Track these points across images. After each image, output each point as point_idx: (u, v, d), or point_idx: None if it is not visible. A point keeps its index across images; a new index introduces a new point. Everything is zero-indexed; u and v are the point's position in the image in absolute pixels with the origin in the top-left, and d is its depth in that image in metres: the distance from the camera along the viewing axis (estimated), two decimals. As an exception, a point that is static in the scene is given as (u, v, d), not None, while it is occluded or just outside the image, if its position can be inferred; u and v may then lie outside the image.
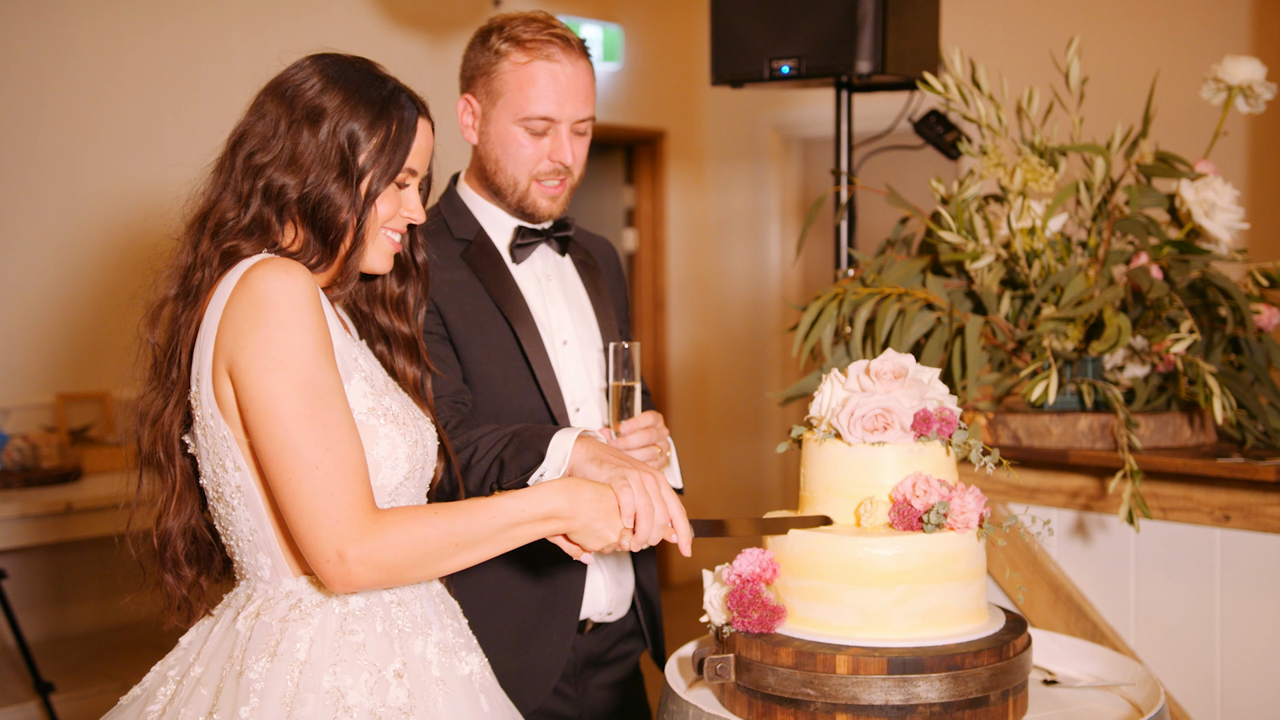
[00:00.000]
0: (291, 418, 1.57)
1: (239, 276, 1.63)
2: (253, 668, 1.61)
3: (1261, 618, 2.36)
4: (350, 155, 1.69)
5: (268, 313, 1.59)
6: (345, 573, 1.56)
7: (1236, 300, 2.40)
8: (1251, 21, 4.61)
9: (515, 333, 2.19)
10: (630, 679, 2.36)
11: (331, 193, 1.69)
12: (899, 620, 1.65)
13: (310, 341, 1.60)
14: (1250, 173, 4.56)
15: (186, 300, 1.71)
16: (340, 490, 1.57)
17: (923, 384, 1.78)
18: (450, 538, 1.61)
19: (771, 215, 6.53)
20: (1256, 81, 2.57)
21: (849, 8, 2.95)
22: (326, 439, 1.58)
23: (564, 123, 2.17)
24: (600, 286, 2.36)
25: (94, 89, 4.65)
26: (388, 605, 1.70)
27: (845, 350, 2.59)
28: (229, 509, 1.68)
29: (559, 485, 1.70)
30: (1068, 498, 2.53)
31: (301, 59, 1.77)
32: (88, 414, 4.66)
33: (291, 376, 1.58)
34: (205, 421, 1.66)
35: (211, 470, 1.68)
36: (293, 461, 1.57)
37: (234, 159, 1.73)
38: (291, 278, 1.61)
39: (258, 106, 1.74)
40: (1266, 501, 2.31)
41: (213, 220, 1.72)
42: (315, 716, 1.58)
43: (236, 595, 1.74)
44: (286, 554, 1.68)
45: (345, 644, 1.64)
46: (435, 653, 1.71)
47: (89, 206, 4.66)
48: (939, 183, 2.68)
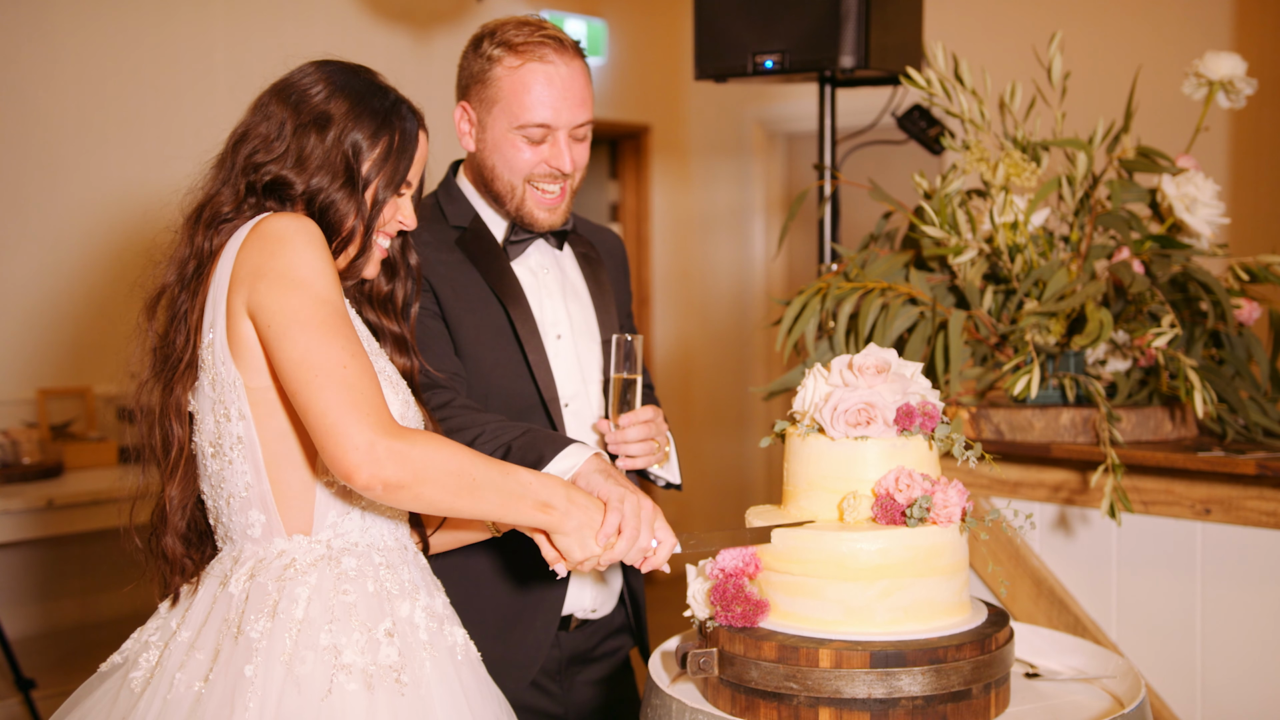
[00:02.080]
0: (316, 325, 1.61)
1: (249, 228, 1.68)
2: (254, 627, 1.63)
3: (1241, 611, 2.37)
4: (354, 163, 1.75)
5: (284, 244, 1.64)
6: (374, 460, 1.56)
7: (1217, 295, 2.42)
8: (1233, 17, 4.63)
9: (509, 315, 2.16)
10: (618, 675, 2.36)
11: (337, 199, 1.74)
12: (882, 614, 1.65)
13: (327, 269, 1.65)
14: (1231, 168, 4.58)
15: (184, 285, 1.74)
16: (370, 392, 1.60)
17: (905, 378, 1.78)
18: (470, 470, 1.63)
19: (755, 210, 6.53)
20: (1237, 77, 2.58)
21: (832, 3, 2.95)
22: (351, 348, 1.62)
23: (561, 129, 2.13)
24: (602, 279, 2.32)
25: (78, 88, 4.62)
26: (377, 567, 1.73)
27: (829, 345, 2.59)
28: (225, 464, 1.70)
29: (561, 482, 1.73)
30: (1050, 492, 2.54)
31: (305, 64, 1.81)
32: (69, 409, 4.63)
33: (313, 295, 1.62)
34: (215, 370, 1.68)
35: (214, 423, 1.70)
36: (321, 362, 1.59)
37: (234, 157, 1.77)
38: (302, 220, 1.68)
39: (261, 107, 1.78)
40: (1247, 495, 2.32)
41: (209, 212, 1.75)
42: (314, 674, 1.61)
43: (221, 560, 1.75)
44: (279, 511, 1.70)
45: (339, 603, 1.66)
46: (423, 617, 1.73)
47: (70, 204, 4.63)
48: (922, 177, 2.69)
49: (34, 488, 4.13)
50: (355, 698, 1.61)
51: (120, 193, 4.73)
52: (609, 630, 2.32)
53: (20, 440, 4.29)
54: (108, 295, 4.70)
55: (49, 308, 4.60)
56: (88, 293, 4.67)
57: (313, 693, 1.60)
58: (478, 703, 1.74)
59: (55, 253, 4.60)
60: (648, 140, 6.60)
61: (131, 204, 4.74)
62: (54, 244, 4.59)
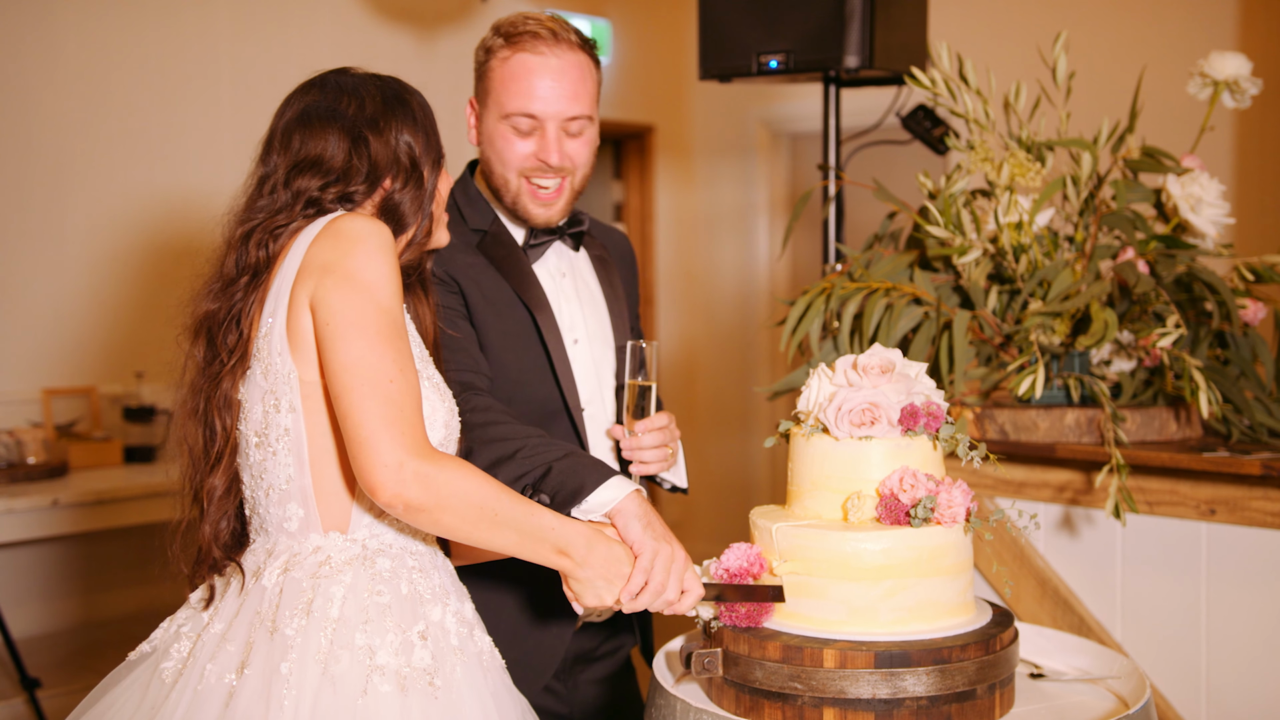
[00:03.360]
0: (373, 333, 1.62)
1: (320, 226, 1.69)
2: (289, 624, 1.63)
3: (1246, 611, 2.37)
4: (413, 155, 1.79)
5: (357, 244, 1.66)
6: (400, 480, 1.58)
7: (1222, 295, 2.41)
8: (1238, 16, 4.62)
9: (535, 320, 2.14)
10: (620, 673, 2.36)
11: (407, 196, 1.79)
12: (886, 614, 1.65)
13: (394, 278, 1.67)
14: (1236, 168, 4.58)
15: (230, 309, 1.74)
16: (410, 410, 1.62)
17: (910, 378, 1.78)
18: (493, 505, 1.64)
19: (759, 210, 6.53)
20: (1242, 77, 2.58)
21: (837, 3, 2.95)
22: (401, 362, 1.64)
23: (550, 121, 2.10)
24: (615, 283, 2.31)
25: (82, 87, 4.63)
26: (410, 570, 1.74)
27: (833, 345, 2.59)
28: (269, 454, 1.70)
29: (584, 529, 1.72)
30: (1054, 492, 2.54)
31: (303, 89, 1.82)
32: (74, 409, 4.64)
33: (375, 302, 1.64)
34: (270, 360, 1.69)
35: (262, 413, 1.70)
36: (369, 371, 1.61)
37: (291, 186, 1.75)
38: (378, 224, 1.69)
39: (297, 136, 1.77)
40: (1252, 495, 2.32)
41: (260, 234, 1.75)
42: (349, 673, 1.61)
43: (254, 552, 1.75)
44: (318, 506, 1.70)
45: (373, 604, 1.67)
46: (454, 623, 1.74)
47: (75, 204, 4.64)
48: (926, 177, 2.69)
49: (39, 487, 4.13)
50: (389, 699, 1.61)
51: (125, 192, 4.74)
52: (612, 629, 2.32)
53: (25, 440, 4.29)
54: (112, 294, 4.71)
55: (54, 307, 4.61)
56: (92, 292, 4.68)
57: (348, 692, 1.60)
58: (508, 708, 1.74)
59: (60, 252, 4.60)
60: (652, 140, 6.60)
61: (136, 203, 4.75)
62: (59, 243, 4.60)
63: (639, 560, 1.73)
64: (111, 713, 1.69)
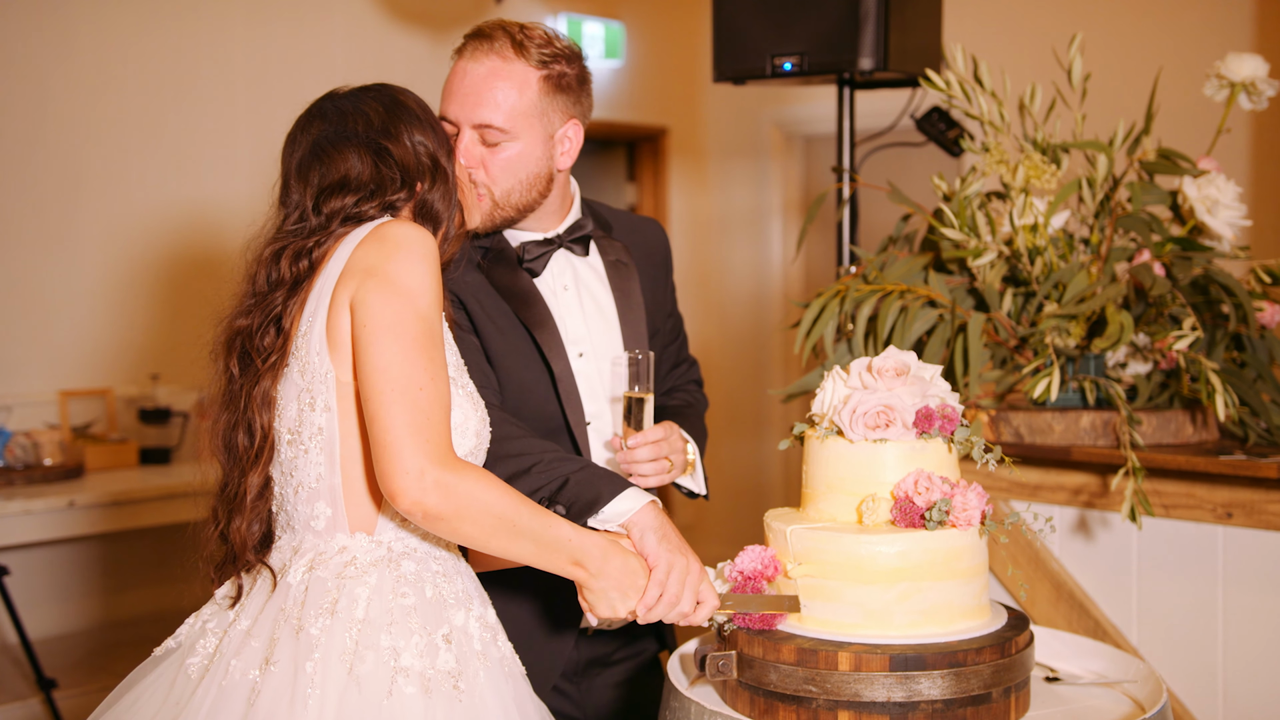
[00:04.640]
0: (409, 340, 1.64)
1: (367, 231, 1.72)
2: (314, 623, 1.64)
3: (1264, 615, 2.36)
4: (430, 152, 1.82)
5: (402, 249, 1.68)
6: (420, 488, 1.59)
7: (1239, 297, 2.40)
8: (1254, 18, 4.61)
9: (535, 340, 2.12)
10: (640, 677, 2.33)
11: (437, 193, 1.82)
12: (901, 617, 1.65)
13: (435, 287, 1.69)
14: (1253, 169, 4.56)
15: (263, 324, 1.74)
16: (437, 419, 1.63)
17: (925, 381, 1.78)
18: (512, 516, 1.65)
19: (773, 212, 6.52)
20: (1259, 78, 2.57)
21: (851, 4, 2.94)
22: (433, 370, 1.65)
23: (464, 125, 2.03)
24: (631, 289, 2.23)
25: (95, 86, 4.65)
26: (435, 574, 1.74)
27: (847, 347, 2.59)
28: (300, 452, 1.72)
29: (600, 541, 1.73)
30: (1070, 495, 2.53)
31: (306, 118, 1.83)
32: (90, 410, 4.66)
33: (415, 308, 1.66)
34: (308, 359, 1.70)
35: (296, 411, 1.72)
36: (401, 377, 1.62)
37: (324, 209, 1.76)
38: (423, 232, 1.71)
39: (320, 160, 1.78)
40: (1269, 499, 2.31)
41: (293, 250, 1.76)
42: (374, 674, 1.62)
43: (280, 549, 1.76)
44: (346, 507, 1.72)
45: (398, 606, 1.68)
46: (477, 627, 1.75)
47: (90, 207, 4.66)
48: (941, 180, 2.68)
49: (55, 488, 4.15)
50: (414, 700, 1.62)
51: (140, 195, 4.76)
52: (632, 634, 2.30)
53: (42, 441, 4.32)
54: (128, 296, 4.73)
55: (70, 309, 4.63)
56: (108, 294, 4.70)
57: (374, 693, 1.61)
58: (530, 713, 1.75)
59: (75, 254, 4.62)
60: (665, 142, 6.60)
61: (151, 206, 4.77)
62: (74, 245, 4.62)
63: (654, 573, 1.74)
64: (138, 707, 1.71)
